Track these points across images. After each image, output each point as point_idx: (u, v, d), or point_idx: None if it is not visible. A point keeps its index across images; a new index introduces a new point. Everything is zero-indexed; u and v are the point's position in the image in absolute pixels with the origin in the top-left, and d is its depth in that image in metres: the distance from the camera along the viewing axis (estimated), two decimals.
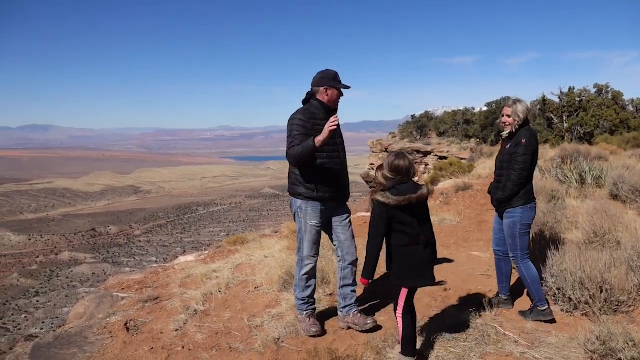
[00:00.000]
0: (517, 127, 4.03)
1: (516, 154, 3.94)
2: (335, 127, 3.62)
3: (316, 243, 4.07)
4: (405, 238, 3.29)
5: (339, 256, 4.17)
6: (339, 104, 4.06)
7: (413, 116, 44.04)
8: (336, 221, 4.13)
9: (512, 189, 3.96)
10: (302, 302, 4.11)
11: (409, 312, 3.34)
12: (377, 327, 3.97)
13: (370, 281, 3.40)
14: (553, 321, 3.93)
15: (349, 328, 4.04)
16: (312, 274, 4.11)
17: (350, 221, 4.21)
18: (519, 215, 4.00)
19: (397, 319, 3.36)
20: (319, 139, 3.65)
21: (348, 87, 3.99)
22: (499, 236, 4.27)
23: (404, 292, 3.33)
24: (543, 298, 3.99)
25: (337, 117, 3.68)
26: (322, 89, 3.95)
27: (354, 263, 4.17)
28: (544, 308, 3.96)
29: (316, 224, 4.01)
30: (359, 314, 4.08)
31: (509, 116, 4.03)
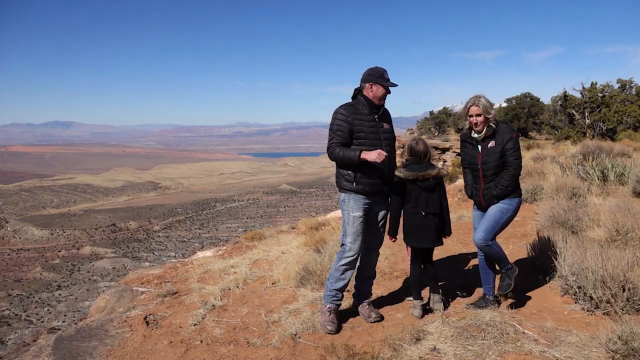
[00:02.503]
0: (496, 122, 3.95)
1: (510, 149, 3.89)
2: (378, 160, 3.71)
3: (360, 235, 4.05)
4: (409, 206, 4.12)
5: (364, 248, 4.22)
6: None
7: (431, 112, 43.69)
8: (373, 215, 4.16)
9: (513, 182, 3.95)
10: (330, 293, 4.10)
11: (416, 266, 4.28)
12: (380, 320, 4.14)
13: (394, 239, 4.21)
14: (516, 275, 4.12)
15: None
16: (350, 267, 4.11)
17: (385, 218, 4.23)
18: (516, 205, 4.03)
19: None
20: (364, 157, 3.75)
21: (394, 85, 3.98)
22: None
23: (408, 248, 4.34)
24: (509, 262, 4.14)
25: (385, 154, 3.74)
26: (367, 85, 3.99)
27: (375, 257, 4.32)
28: (512, 267, 4.11)
29: (359, 215, 4.01)
30: (366, 306, 4.25)
31: (479, 115, 3.92)
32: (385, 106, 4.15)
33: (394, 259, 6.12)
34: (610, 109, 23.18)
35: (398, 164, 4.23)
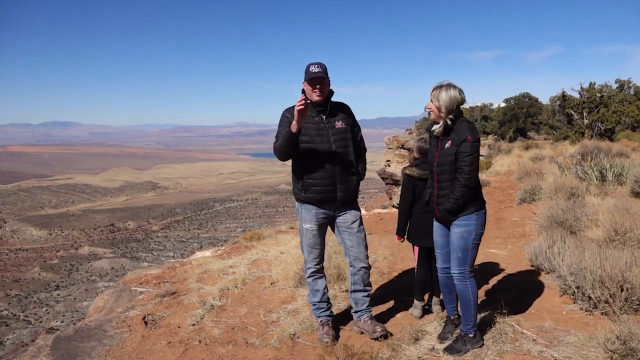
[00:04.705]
0: (451, 119, 3.34)
1: (462, 153, 3.27)
2: (301, 107, 3.33)
3: (315, 247, 3.83)
4: (419, 206, 4.08)
5: (348, 261, 3.95)
6: (325, 96, 3.65)
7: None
8: (341, 225, 3.84)
9: (465, 194, 3.31)
10: (314, 307, 3.97)
11: (423, 267, 4.21)
12: (386, 335, 3.75)
13: (402, 239, 4.27)
14: (482, 346, 3.49)
15: (362, 333, 3.90)
16: (317, 279, 3.92)
17: (358, 223, 3.85)
18: (474, 223, 3.42)
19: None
20: (293, 124, 3.45)
21: (315, 76, 3.55)
22: (446, 251, 3.59)
23: (416, 249, 4.28)
24: (476, 323, 3.52)
25: (302, 97, 3.38)
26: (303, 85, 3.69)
27: (365, 269, 3.90)
28: (474, 334, 3.48)
29: (310, 227, 3.77)
30: (369, 321, 3.89)
31: (432, 102, 3.36)
32: (339, 102, 3.82)
33: (393, 259, 6.12)
34: (608, 109, 23.23)
35: (405, 164, 4.23)
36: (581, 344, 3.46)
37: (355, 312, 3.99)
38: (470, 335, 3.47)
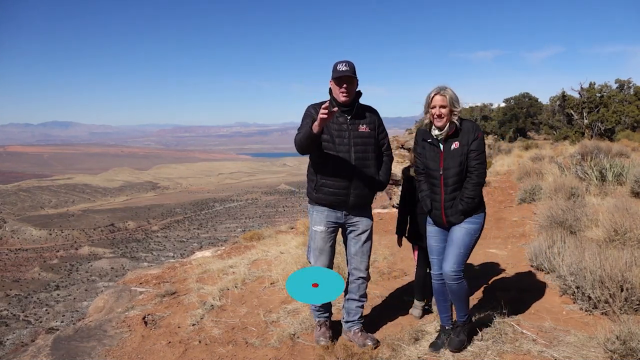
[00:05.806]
0: (460, 119, 3.31)
1: (474, 151, 3.28)
2: (324, 116, 3.14)
3: (323, 252, 3.70)
4: (419, 207, 4.00)
5: (348, 269, 3.87)
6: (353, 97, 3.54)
7: None
8: (349, 231, 3.75)
9: (478, 192, 3.33)
10: (314, 308, 3.92)
11: (423, 267, 4.23)
12: (377, 345, 3.68)
13: (401, 238, 4.33)
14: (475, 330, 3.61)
15: (350, 341, 3.79)
16: None
17: (367, 234, 3.74)
18: (481, 220, 3.44)
19: None
20: (315, 124, 3.27)
21: (343, 74, 3.42)
22: (443, 257, 3.51)
23: (416, 249, 4.32)
24: (468, 310, 3.58)
25: (327, 103, 3.20)
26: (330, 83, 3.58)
27: (363, 279, 3.80)
28: (466, 319, 3.55)
29: (320, 230, 3.66)
30: (359, 333, 3.79)
31: (443, 107, 3.24)
32: (367, 105, 3.69)
33: (393, 259, 6.13)
34: (608, 109, 23.25)
35: (405, 164, 4.22)
36: (581, 344, 3.46)
37: (346, 322, 3.89)
38: (463, 320, 3.54)
